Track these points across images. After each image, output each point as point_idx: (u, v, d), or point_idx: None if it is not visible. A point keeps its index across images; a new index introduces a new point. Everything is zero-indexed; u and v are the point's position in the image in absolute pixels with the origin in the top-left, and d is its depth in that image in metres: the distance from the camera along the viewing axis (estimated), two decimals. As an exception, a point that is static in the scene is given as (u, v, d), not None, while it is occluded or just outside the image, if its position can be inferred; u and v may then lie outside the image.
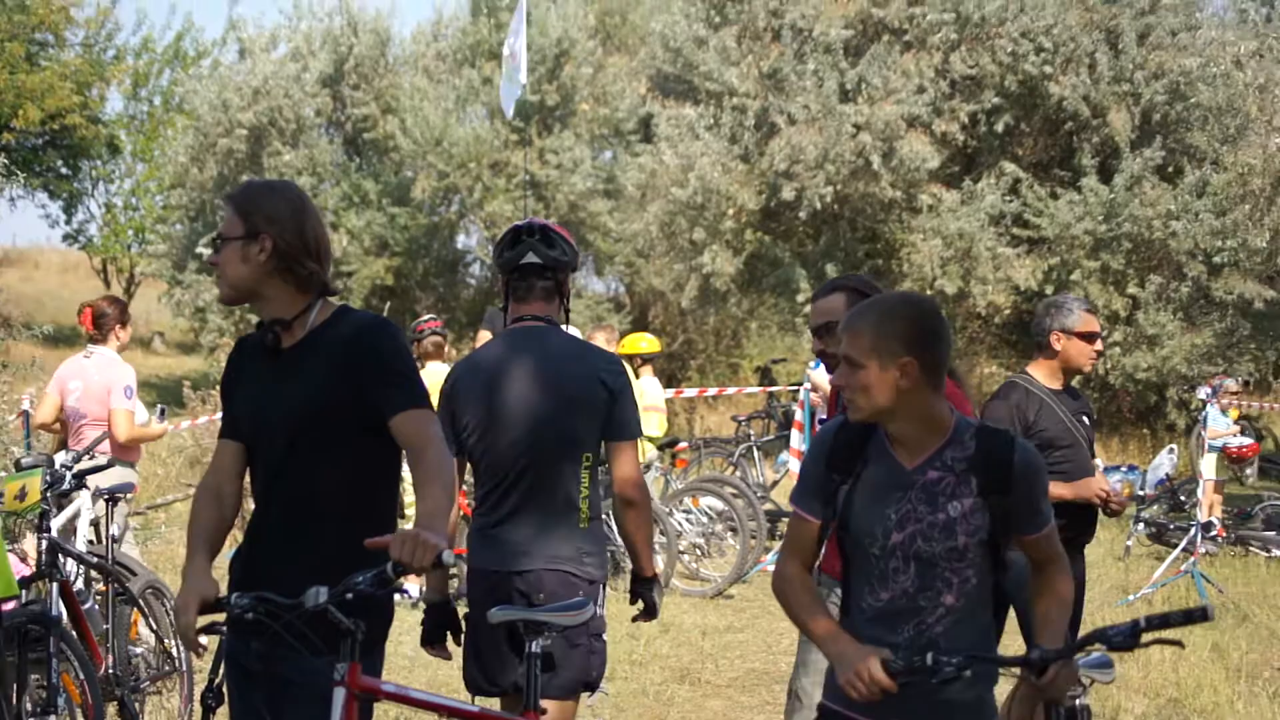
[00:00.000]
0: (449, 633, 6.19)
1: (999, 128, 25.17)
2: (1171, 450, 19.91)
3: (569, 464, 6.04)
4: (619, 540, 11.59)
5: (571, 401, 6.03)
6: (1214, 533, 15.46)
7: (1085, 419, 7.67)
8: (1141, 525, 16.42)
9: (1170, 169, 24.73)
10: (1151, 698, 10.20)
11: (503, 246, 6.25)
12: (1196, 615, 4.10)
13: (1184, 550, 14.81)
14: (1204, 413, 16.70)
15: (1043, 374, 7.54)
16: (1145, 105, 24.51)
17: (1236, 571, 14.85)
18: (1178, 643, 4.24)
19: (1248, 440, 19.55)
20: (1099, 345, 7.60)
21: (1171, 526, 16.27)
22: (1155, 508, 17.86)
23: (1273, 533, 16.26)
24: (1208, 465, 16.44)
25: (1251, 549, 15.90)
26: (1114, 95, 24.53)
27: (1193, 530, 14.90)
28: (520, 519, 6.01)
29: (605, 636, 6.17)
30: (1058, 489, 6.96)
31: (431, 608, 6.16)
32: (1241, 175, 20.42)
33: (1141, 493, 17.04)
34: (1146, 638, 4.14)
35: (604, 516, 7.02)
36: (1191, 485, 17.29)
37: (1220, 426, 17.29)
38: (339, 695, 4.54)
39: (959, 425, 4.45)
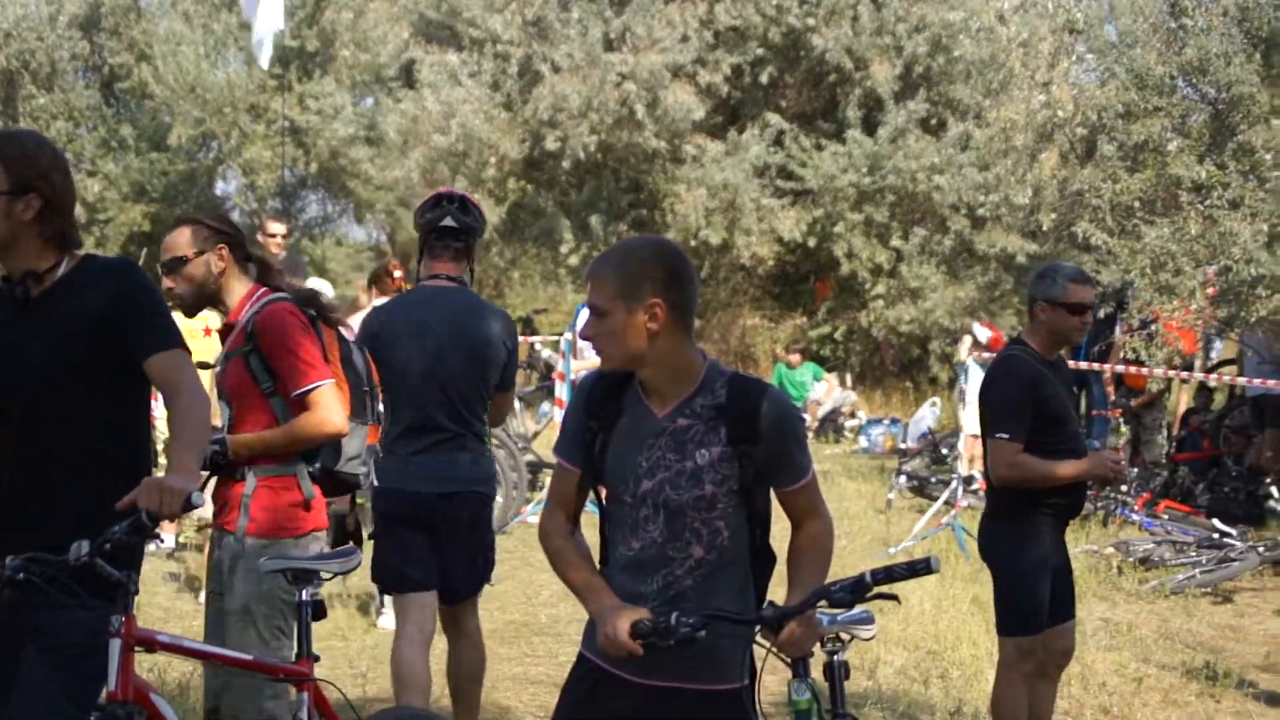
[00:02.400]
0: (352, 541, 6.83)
1: (763, 79, 25.53)
2: (934, 403, 21.14)
3: (478, 404, 7.35)
4: None
5: (482, 353, 7.29)
6: (975, 486, 15.35)
7: (1073, 390, 7.73)
8: (903, 478, 16.61)
9: (934, 122, 25.25)
10: (911, 650, 10.33)
11: (425, 209, 7.30)
12: (920, 568, 4.23)
13: (945, 503, 15.03)
14: (965, 366, 16.94)
15: (1037, 344, 7.34)
16: (908, 58, 25.00)
17: None
18: (894, 597, 4.37)
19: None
20: (1088, 317, 7.37)
21: (933, 480, 16.51)
22: (917, 461, 18.07)
23: None
24: (969, 418, 16.46)
25: None
26: (877, 48, 24.99)
27: (954, 483, 15.14)
28: (441, 450, 7.25)
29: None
30: (1071, 468, 7.12)
31: (334, 518, 6.77)
32: (1004, 130, 20.77)
33: (904, 446, 18.11)
34: (871, 593, 4.29)
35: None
36: (953, 438, 17.50)
37: (980, 380, 17.19)
38: (115, 646, 4.54)
39: (710, 372, 4.43)
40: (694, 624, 4.20)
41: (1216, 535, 13.69)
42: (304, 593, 5.60)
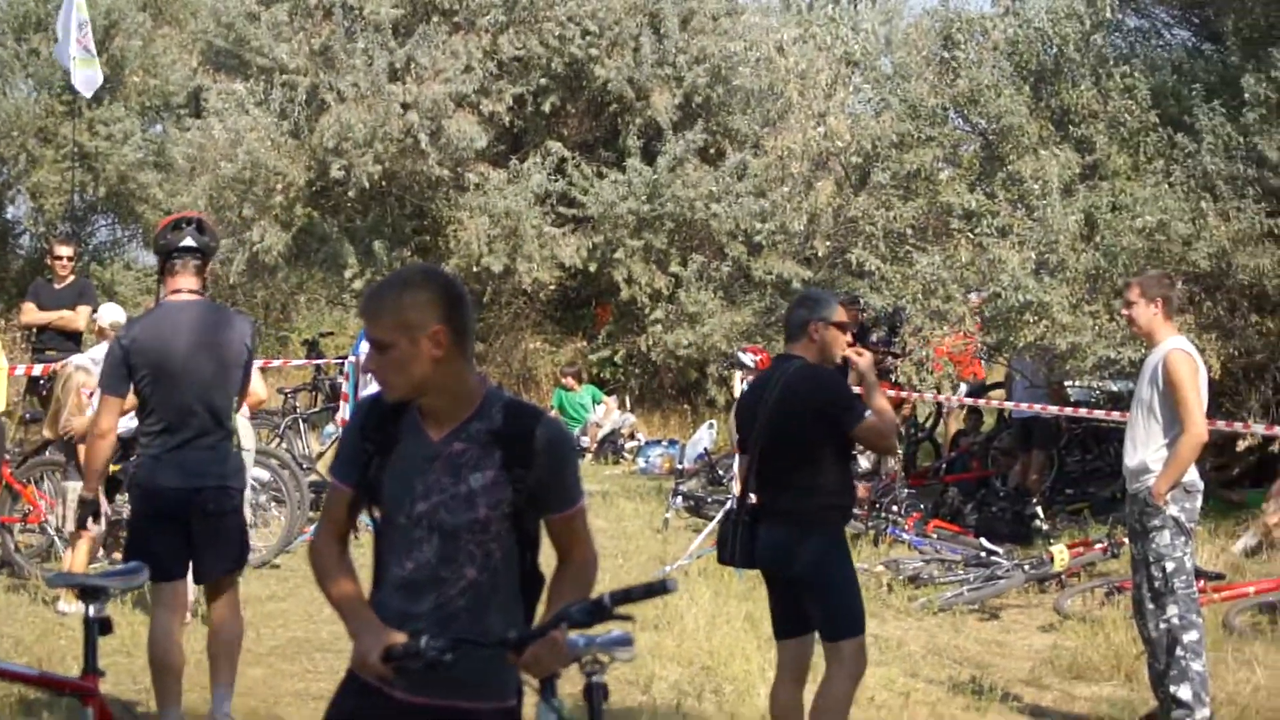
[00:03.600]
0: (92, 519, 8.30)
1: (546, 108, 25.32)
2: (711, 425, 21.12)
3: (226, 404, 8.12)
4: None
5: (227, 357, 8.08)
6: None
7: None
8: (680, 498, 16.58)
9: (712, 151, 25.26)
10: (685, 666, 10.37)
11: (165, 232, 8.16)
12: (657, 588, 4.25)
13: (720, 522, 14.85)
14: (742, 389, 16.65)
15: (811, 359, 7.76)
16: (688, 88, 24.92)
17: None
18: (629, 617, 4.32)
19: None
20: (848, 337, 7.91)
21: (709, 500, 16.49)
22: (694, 481, 18.08)
23: None
24: None
25: None
26: (658, 78, 24.89)
27: (729, 503, 14.74)
28: (194, 447, 7.94)
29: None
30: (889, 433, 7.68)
31: (84, 503, 8.26)
32: (781, 159, 20.98)
33: (681, 467, 17.81)
34: (613, 613, 4.27)
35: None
36: (729, 460, 17.23)
37: None
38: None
39: (489, 397, 4.48)
40: (441, 648, 4.23)
41: (984, 554, 13.87)
42: (90, 608, 5.59)
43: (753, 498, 7.80)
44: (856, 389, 7.98)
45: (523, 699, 4.61)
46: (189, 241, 8.11)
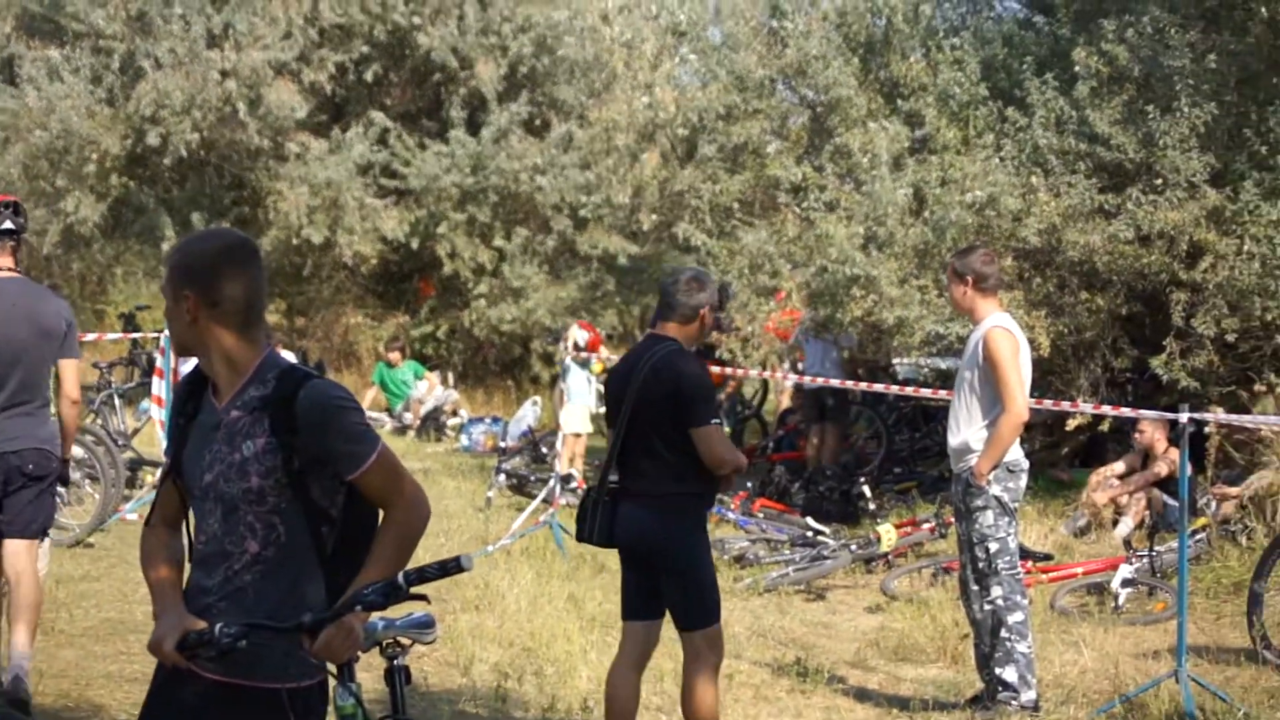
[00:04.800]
0: None
1: (368, 77, 24.89)
2: (535, 402, 20.85)
3: (44, 374, 8.48)
4: None
5: (46, 330, 8.39)
6: (574, 484, 15.41)
7: None
8: (503, 476, 16.26)
9: (537, 123, 24.91)
10: (506, 647, 10.18)
11: None
12: (452, 567, 4.17)
13: (543, 501, 14.81)
14: (566, 366, 16.77)
15: (684, 342, 7.64)
16: (513, 58, 24.59)
17: None
18: (423, 597, 4.26)
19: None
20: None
21: (532, 478, 16.27)
22: (517, 459, 17.87)
23: None
24: (568, 417, 16.51)
25: None
26: (482, 47, 24.52)
27: (552, 481, 14.88)
28: (11, 414, 8.23)
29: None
30: (735, 454, 7.53)
31: None
32: (607, 131, 20.60)
33: (504, 444, 17.29)
34: (409, 593, 4.21)
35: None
36: (552, 437, 17.32)
37: (580, 380, 17.22)
38: None
39: (265, 364, 4.40)
40: (235, 634, 4.16)
41: (810, 533, 13.73)
42: None
43: (614, 476, 7.57)
44: None
45: (327, 674, 4.52)
46: (7, 224, 8.49)
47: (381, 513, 4.48)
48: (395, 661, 5.06)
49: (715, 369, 16.36)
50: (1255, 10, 13.60)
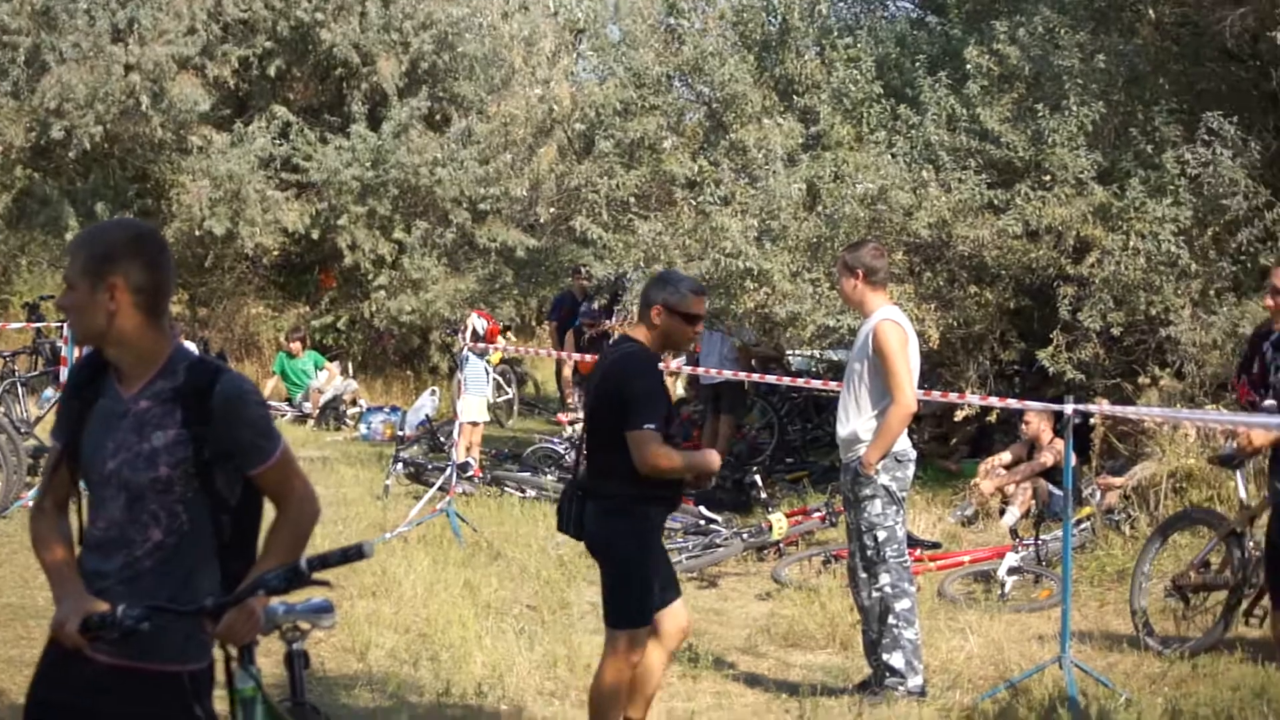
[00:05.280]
0: None
1: (271, 72, 24.47)
2: (433, 392, 20.50)
3: None
4: None
5: None
6: (470, 473, 15.38)
7: None
8: (400, 465, 16.04)
9: (438, 117, 24.72)
10: (402, 633, 10.11)
11: None
12: (353, 554, 4.15)
13: (440, 489, 14.59)
14: (464, 356, 16.49)
15: (648, 343, 7.39)
16: (414, 54, 24.27)
17: (491, 511, 14.67)
18: (325, 583, 4.22)
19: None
20: (700, 328, 7.60)
21: (430, 466, 15.98)
22: (415, 448, 17.52)
23: (527, 473, 16.22)
24: (466, 407, 16.29)
25: (506, 489, 15.69)
26: (384, 43, 24.17)
27: (449, 470, 14.63)
28: None
29: None
30: (699, 459, 7.25)
31: None
32: (505, 125, 20.49)
33: (402, 433, 17.12)
34: (310, 579, 4.18)
35: None
36: (450, 426, 16.95)
37: (477, 370, 16.95)
38: None
39: (175, 355, 4.39)
40: (138, 616, 4.11)
41: (703, 522, 13.53)
42: None
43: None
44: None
45: (214, 661, 4.48)
46: None
47: (275, 508, 4.49)
48: (294, 646, 5.00)
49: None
50: (1143, 12, 13.79)
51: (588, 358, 16.83)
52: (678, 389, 19.93)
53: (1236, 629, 9.68)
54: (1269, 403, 8.51)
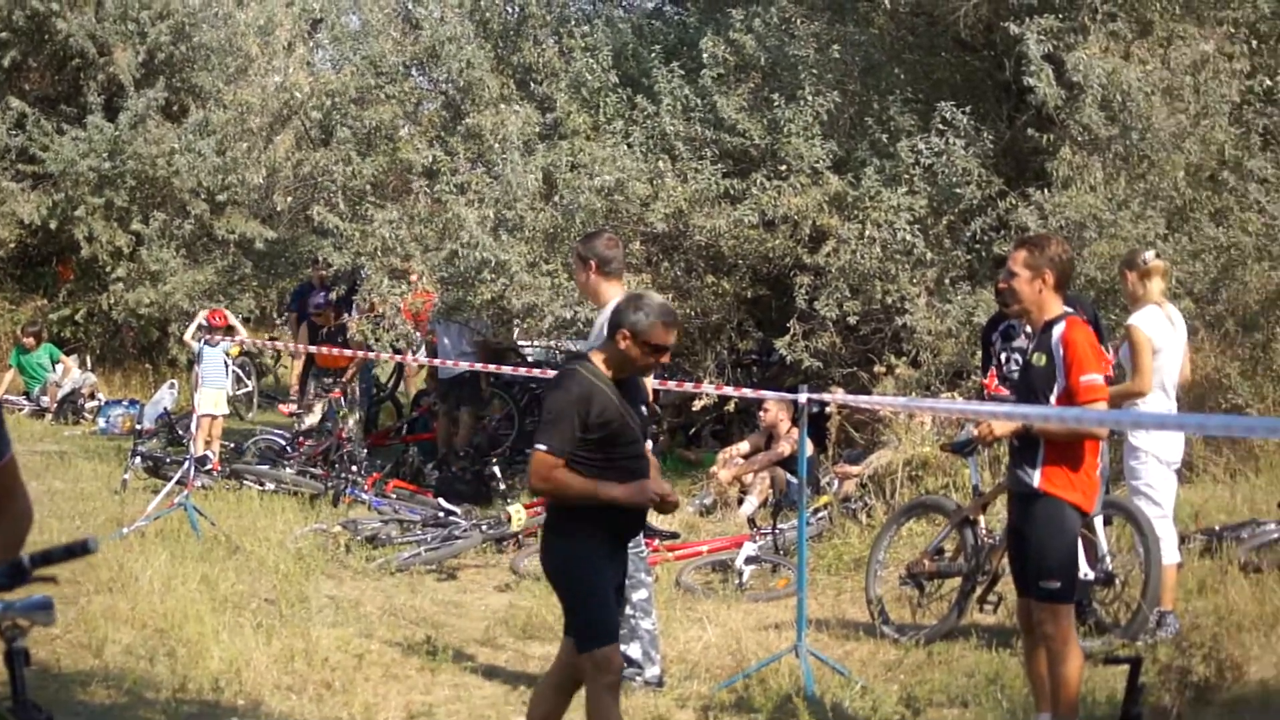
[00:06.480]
0: None
1: (5, 62, 23.17)
2: (172, 385, 20.02)
3: None
4: None
5: None
6: (209, 466, 14.82)
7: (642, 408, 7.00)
8: (139, 458, 15.32)
9: (175, 108, 23.61)
10: (139, 629, 9.59)
11: None
12: (78, 549, 3.96)
13: (178, 483, 13.83)
14: (199, 349, 15.84)
15: (603, 363, 6.71)
16: (151, 44, 23.13)
17: (230, 505, 13.98)
18: (51, 579, 4.01)
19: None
20: (664, 358, 6.94)
21: (168, 460, 15.33)
22: (154, 441, 16.85)
23: (265, 466, 15.56)
24: (203, 400, 15.52)
25: (245, 482, 15.02)
26: (120, 34, 22.98)
27: (187, 464, 13.88)
28: None
29: None
30: (617, 491, 6.54)
31: None
32: (241, 114, 19.96)
33: (140, 427, 16.72)
34: (33, 575, 3.98)
35: None
36: (188, 420, 16.14)
37: (215, 363, 16.19)
38: None
39: None
40: None
41: (442, 514, 13.11)
42: None
43: None
44: None
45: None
46: None
47: None
48: (15, 644, 4.39)
49: (347, 352, 15.96)
50: (879, 2, 13.51)
51: (325, 350, 16.23)
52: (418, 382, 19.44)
53: (971, 616, 9.42)
54: (1004, 393, 8.49)
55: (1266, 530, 9.87)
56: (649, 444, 6.97)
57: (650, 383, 8.29)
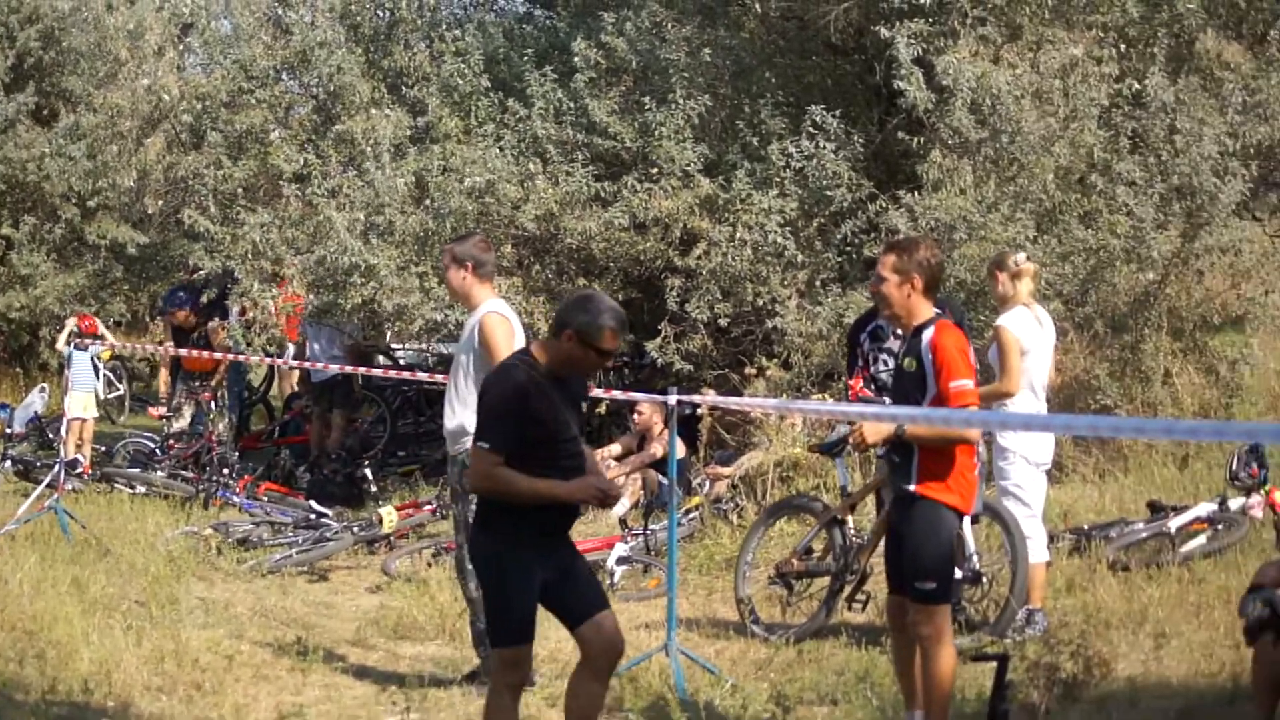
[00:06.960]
0: None
1: None
2: (43, 389, 19.14)
3: None
4: None
5: None
6: (79, 469, 14.47)
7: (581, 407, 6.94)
8: (9, 462, 15.21)
9: (45, 112, 22.74)
10: (8, 630, 9.38)
11: None
12: None
13: (49, 486, 13.53)
14: (69, 353, 15.63)
15: (547, 361, 6.49)
16: (20, 50, 22.26)
17: (101, 508, 13.67)
18: None
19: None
20: (607, 362, 6.96)
21: (39, 464, 15.09)
22: (24, 445, 16.54)
23: (136, 469, 15.27)
24: (73, 404, 15.22)
25: (116, 486, 14.68)
26: (-11, 39, 22.52)
27: (57, 467, 13.57)
28: None
29: None
30: (558, 489, 6.36)
31: None
32: (112, 117, 19.59)
33: (10, 430, 16.44)
34: None
35: None
36: (58, 423, 15.82)
37: (84, 366, 15.93)
38: None
39: None
40: None
41: (314, 516, 13.12)
42: None
43: None
44: None
45: None
46: None
47: None
48: None
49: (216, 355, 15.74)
50: (749, 6, 13.51)
51: (194, 354, 15.85)
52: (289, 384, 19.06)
53: (840, 615, 9.36)
54: (869, 395, 8.51)
55: (1135, 529, 9.83)
56: None
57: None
